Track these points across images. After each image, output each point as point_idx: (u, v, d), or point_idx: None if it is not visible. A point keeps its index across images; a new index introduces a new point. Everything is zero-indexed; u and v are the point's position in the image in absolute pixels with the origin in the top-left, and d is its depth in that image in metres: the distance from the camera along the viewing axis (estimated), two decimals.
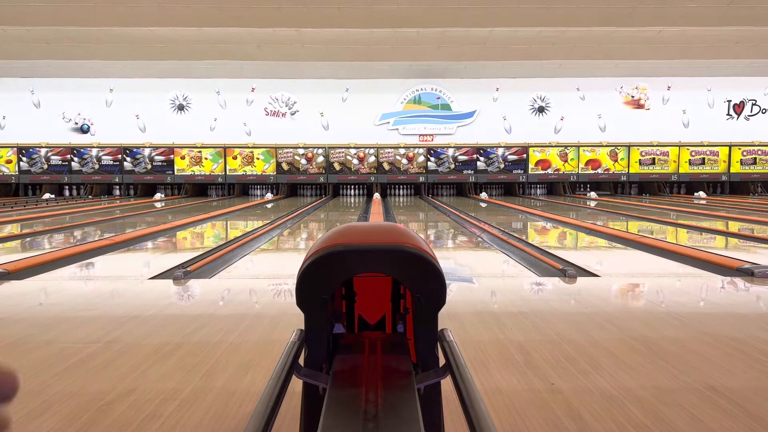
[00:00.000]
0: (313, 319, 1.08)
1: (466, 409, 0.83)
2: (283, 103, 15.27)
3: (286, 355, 1.03)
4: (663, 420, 1.71)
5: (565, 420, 1.71)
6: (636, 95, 15.28)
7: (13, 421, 0.42)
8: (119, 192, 14.97)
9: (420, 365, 1.11)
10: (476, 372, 2.06)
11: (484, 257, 5.48)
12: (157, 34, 10.96)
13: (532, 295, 3.64)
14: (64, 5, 8.93)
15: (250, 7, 9.59)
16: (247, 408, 1.68)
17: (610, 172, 14.99)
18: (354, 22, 10.15)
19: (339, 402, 0.89)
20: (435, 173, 14.79)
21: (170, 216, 9.35)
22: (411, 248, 1.05)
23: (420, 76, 14.90)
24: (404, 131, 15.26)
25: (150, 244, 6.14)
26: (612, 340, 2.48)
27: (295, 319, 1.13)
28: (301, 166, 14.71)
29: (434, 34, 11.24)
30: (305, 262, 1.08)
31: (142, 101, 15.01)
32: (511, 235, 6.51)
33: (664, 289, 3.64)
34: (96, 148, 14.73)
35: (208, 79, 14.77)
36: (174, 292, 3.62)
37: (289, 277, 4.01)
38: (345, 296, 1.24)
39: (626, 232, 6.82)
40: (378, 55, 12.64)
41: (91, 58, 12.54)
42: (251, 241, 6.15)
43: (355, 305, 1.26)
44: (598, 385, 1.97)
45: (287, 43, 11.76)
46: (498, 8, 9.74)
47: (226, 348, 2.42)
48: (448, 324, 1.10)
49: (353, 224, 1.26)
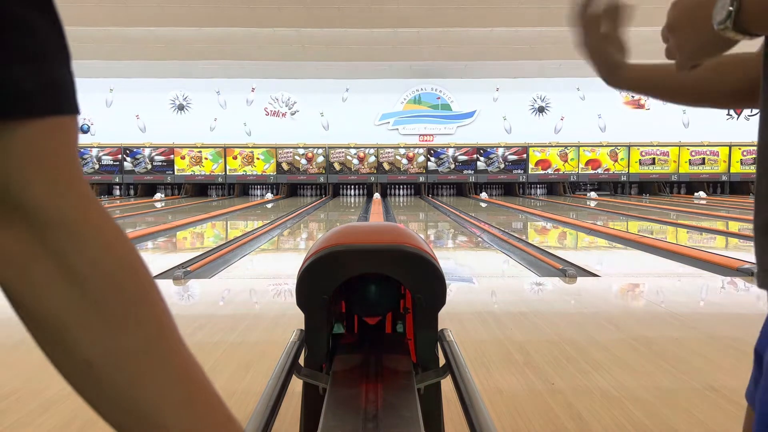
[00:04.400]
0: (313, 319, 1.08)
1: (466, 409, 0.83)
2: (283, 103, 15.27)
3: (286, 355, 1.03)
4: (663, 420, 1.71)
5: (565, 420, 1.71)
6: (636, 95, 15.28)
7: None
8: (119, 192, 14.97)
9: (420, 365, 1.11)
10: (476, 372, 2.06)
11: (484, 257, 5.48)
12: (157, 34, 10.96)
13: (532, 295, 3.64)
14: (64, 5, 8.92)
15: (250, 7, 9.59)
16: (247, 408, 1.68)
17: (610, 172, 14.99)
18: (354, 22, 10.15)
19: (339, 402, 0.89)
20: (435, 173, 14.79)
21: (170, 216, 9.35)
22: (411, 248, 1.06)
23: (420, 76, 14.89)
24: (404, 131, 15.26)
25: (150, 244, 6.14)
26: (612, 340, 2.49)
27: (295, 319, 1.13)
28: (301, 166, 14.71)
29: (434, 34, 11.24)
30: (305, 262, 1.08)
31: (142, 101, 15.01)
32: (511, 235, 6.51)
33: (664, 289, 3.64)
34: (96, 148, 14.74)
35: (208, 79, 14.76)
36: (174, 292, 3.62)
37: (289, 277, 4.01)
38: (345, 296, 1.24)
39: (626, 232, 6.82)
40: (378, 55, 12.64)
41: (91, 58, 12.53)
42: (251, 241, 6.15)
43: None
44: (598, 385, 1.97)
45: (287, 43, 11.75)
46: (498, 8, 9.74)
47: (226, 348, 2.42)
48: (448, 324, 1.10)
49: (353, 224, 1.26)
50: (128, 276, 0.40)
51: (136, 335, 0.39)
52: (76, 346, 0.38)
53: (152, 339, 0.40)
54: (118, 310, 0.38)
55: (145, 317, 0.40)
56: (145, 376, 0.39)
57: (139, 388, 0.39)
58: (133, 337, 0.39)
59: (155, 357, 0.40)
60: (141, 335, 0.39)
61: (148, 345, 0.40)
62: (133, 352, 0.39)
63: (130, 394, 0.39)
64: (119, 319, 0.38)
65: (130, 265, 0.40)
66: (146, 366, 0.39)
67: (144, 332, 0.39)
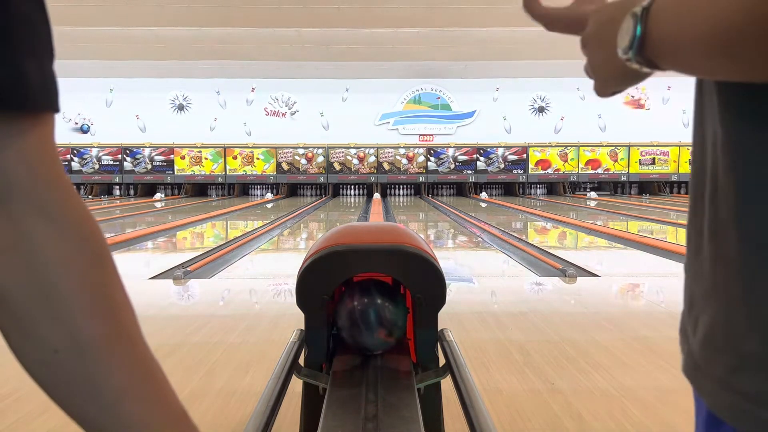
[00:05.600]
0: (313, 319, 1.08)
1: (466, 409, 0.83)
2: (283, 103, 15.27)
3: (286, 355, 1.03)
4: (663, 420, 1.71)
5: (565, 420, 1.71)
6: (636, 95, 15.28)
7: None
8: (119, 192, 14.96)
9: (420, 365, 1.11)
10: (476, 372, 2.06)
11: (484, 257, 5.48)
12: (157, 34, 10.95)
13: (532, 295, 3.64)
14: (64, 5, 8.92)
15: (250, 7, 9.58)
16: (247, 408, 1.68)
17: (610, 172, 14.98)
18: (354, 22, 10.14)
19: (339, 402, 0.89)
20: (435, 173, 14.78)
21: (170, 216, 9.34)
22: (411, 248, 1.06)
23: (420, 76, 14.89)
24: (404, 131, 15.25)
25: (150, 244, 6.14)
26: (612, 340, 2.49)
27: (295, 319, 1.13)
28: (301, 166, 14.71)
29: (434, 34, 11.23)
30: (305, 262, 1.08)
31: (142, 101, 15.00)
32: (511, 235, 6.51)
33: (664, 289, 3.64)
34: (96, 148, 14.73)
35: (208, 79, 14.75)
36: (174, 292, 3.62)
37: (289, 277, 4.01)
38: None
39: (626, 232, 6.82)
40: (378, 55, 12.63)
41: (91, 58, 12.53)
42: (251, 241, 6.15)
43: None
44: (598, 385, 1.97)
45: (287, 43, 11.74)
46: (498, 8, 9.73)
47: (226, 348, 2.42)
48: (448, 324, 1.10)
49: (353, 224, 1.26)
50: (98, 271, 0.41)
51: (103, 326, 0.41)
52: (44, 334, 0.39)
53: (116, 331, 0.42)
54: (85, 302, 0.40)
55: (110, 310, 0.41)
56: (110, 365, 0.41)
57: (103, 377, 0.40)
58: (99, 328, 0.40)
59: (119, 348, 0.41)
60: (106, 326, 0.41)
61: (112, 336, 0.41)
62: (99, 342, 0.40)
63: (94, 382, 0.40)
64: (86, 310, 0.40)
65: (101, 260, 0.42)
66: (110, 356, 0.41)
67: (109, 324, 0.41)
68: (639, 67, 0.46)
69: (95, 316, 0.40)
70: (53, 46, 0.39)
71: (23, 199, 0.37)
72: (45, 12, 0.38)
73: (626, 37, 0.45)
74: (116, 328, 0.41)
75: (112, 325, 0.41)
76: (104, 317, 0.41)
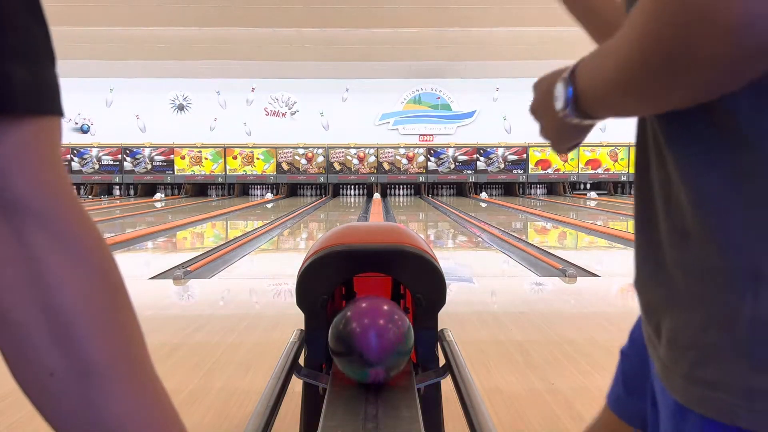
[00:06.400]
0: (313, 319, 1.08)
1: (466, 409, 0.83)
2: (283, 103, 15.27)
3: (286, 355, 1.03)
4: None
5: (565, 420, 1.71)
6: None
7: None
8: (119, 192, 14.96)
9: (420, 365, 1.11)
10: (476, 372, 2.06)
11: (484, 257, 5.48)
12: (157, 34, 10.95)
13: (532, 295, 3.64)
14: (64, 5, 8.92)
15: (250, 7, 9.58)
16: (247, 408, 1.68)
17: (610, 172, 14.98)
18: (354, 22, 10.14)
19: (339, 402, 0.89)
20: (435, 173, 14.78)
21: (170, 216, 9.34)
22: (411, 248, 1.06)
23: (420, 76, 14.88)
24: (404, 131, 15.25)
25: (150, 244, 6.14)
26: (612, 340, 2.48)
27: (295, 319, 1.13)
28: (301, 166, 14.71)
29: (434, 34, 11.23)
30: (305, 261, 1.08)
31: (142, 101, 14.99)
32: (511, 235, 6.51)
33: None
34: (96, 148, 14.73)
35: (208, 79, 14.75)
36: (174, 292, 3.62)
37: (289, 277, 4.01)
38: (345, 296, 1.24)
39: (626, 232, 6.82)
40: (378, 55, 12.63)
41: (91, 58, 12.52)
42: (251, 241, 6.15)
43: None
44: (598, 385, 1.97)
45: (287, 43, 11.74)
46: (498, 8, 9.73)
47: (226, 348, 2.42)
48: (448, 324, 1.10)
49: (353, 224, 1.26)
50: (101, 287, 0.38)
51: (107, 350, 0.38)
52: (40, 355, 0.36)
53: (121, 355, 0.39)
54: (86, 321, 0.37)
55: (113, 331, 0.39)
56: (113, 391, 0.38)
57: (104, 403, 0.38)
58: (102, 352, 0.37)
59: (123, 373, 0.39)
60: (111, 350, 0.38)
61: (116, 361, 0.38)
62: (101, 366, 0.37)
63: (93, 408, 0.37)
64: (87, 330, 0.37)
65: (105, 274, 0.39)
66: (113, 381, 0.38)
67: (114, 348, 0.38)
68: (579, 121, 0.54)
69: (98, 339, 0.37)
70: (51, 48, 0.37)
71: (21, 210, 0.35)
72: (39, 13, 0.36)
73: (561, 98, 0.53)
74: (122, 352, 0.39)
75: (117, 349, 0.38)
76: (109, 340, 0.38)
